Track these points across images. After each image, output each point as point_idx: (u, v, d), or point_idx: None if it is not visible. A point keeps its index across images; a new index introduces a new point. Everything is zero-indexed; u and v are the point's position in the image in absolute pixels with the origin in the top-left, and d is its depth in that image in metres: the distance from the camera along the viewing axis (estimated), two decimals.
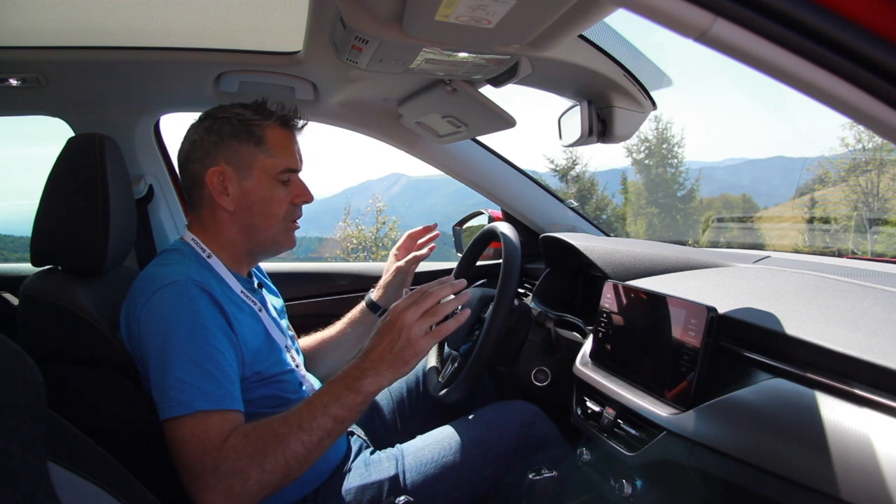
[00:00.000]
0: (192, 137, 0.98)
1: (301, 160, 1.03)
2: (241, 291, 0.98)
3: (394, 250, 1.36)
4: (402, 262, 1.30)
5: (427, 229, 1.36)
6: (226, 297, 0.91)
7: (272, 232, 1.00)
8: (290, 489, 0.95)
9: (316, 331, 1.32)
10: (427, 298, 0.85)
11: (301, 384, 1.02)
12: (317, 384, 1.10)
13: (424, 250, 1.33)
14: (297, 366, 1.04)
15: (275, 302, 1.12)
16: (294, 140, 1.02)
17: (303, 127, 1.05)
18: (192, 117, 1.03)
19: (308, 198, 1.03)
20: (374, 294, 1.31)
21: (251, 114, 0.98)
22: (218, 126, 0.97)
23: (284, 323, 1.12)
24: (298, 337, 1.23)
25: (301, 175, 1.04)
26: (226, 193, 0.96)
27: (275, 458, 0.78)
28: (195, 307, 0.85)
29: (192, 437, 0.78)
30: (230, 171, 0.96)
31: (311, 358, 1.26)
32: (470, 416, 1.14)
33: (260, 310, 0.99)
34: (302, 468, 0.81)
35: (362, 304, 1.31)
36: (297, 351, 1.10)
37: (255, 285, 1.05)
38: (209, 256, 0.97)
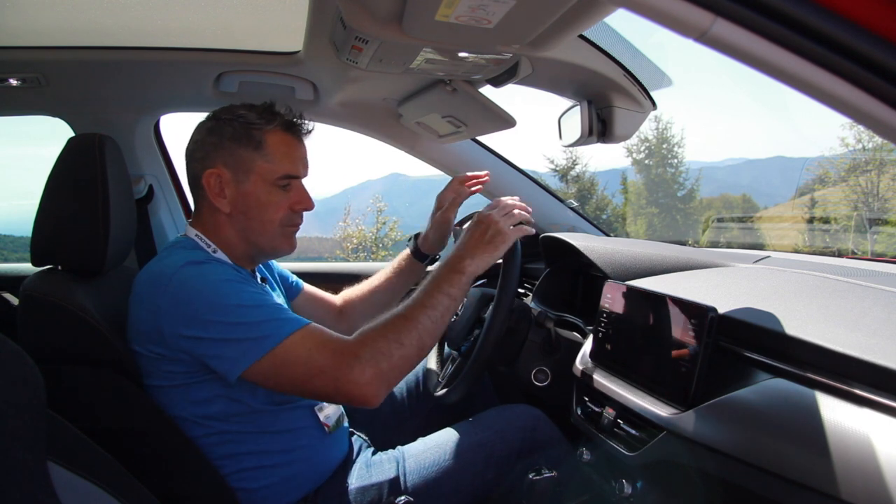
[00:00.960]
0: (196, 137, 0.98)
1: (305, 166, 1.00)
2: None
3: (440, 196, 1.27)
4: (445, 211, 1.23)
5: (475, 176, 1.26)
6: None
7: (269, 237, 0.98)
8: (290, 488, 0.96)
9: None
10: (506, 202, 1.03)
11: None
12: None
13: (473, 189, 1.26)
14: None
15: (278, 300, 1.12)
16: (298, 146, 1.00)
17: (309, 132, 1.02)
18: (191, 117, 1.03)
19: (308, 205, 1.01)
20: (419, 242, 1.26)
21: (254, 117, 0.96)
22: (219, 128, 0.96)
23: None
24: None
25: (305, 180, 1.02)
26: (223, 196, 0.95)
27: (408, 333, 0.86)
28: (220, 276, 0.87)
29: (311, 349, 0.83)
30: (227, 174, 0.94)
31: (362, 305, 1.28)
32: (472, 419, 1.14)
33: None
34: (432, 341, 0.90)
35: (406, 253, 1.28)
36: None
37: (259, 280, 1.05)
38: (214, 251, 0.96)
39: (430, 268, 1.07)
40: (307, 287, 1.27)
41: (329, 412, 1.03)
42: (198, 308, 0.83)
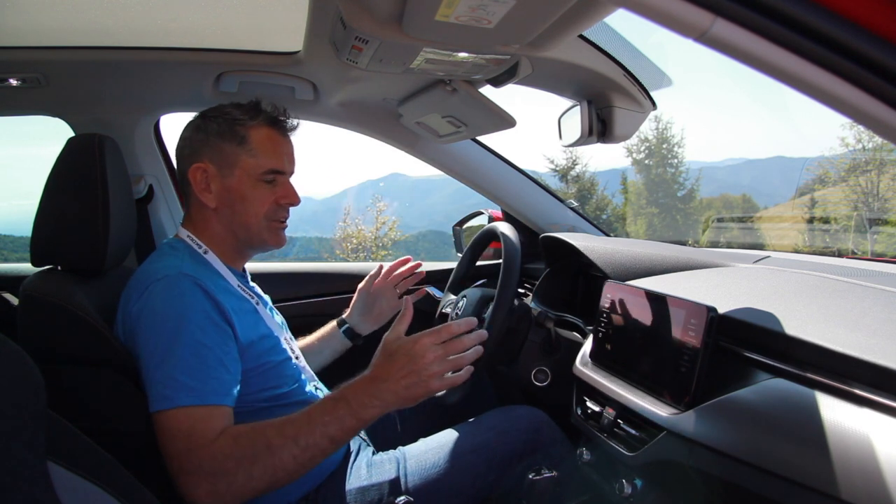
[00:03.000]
0: (184, 135, 1.01)
1: (291, 162, 1.03)
2: (238, 286, 0.99)
3: (367, 278, 1.32)
4: (365, 285, 1.30)
5: (402, 262, 1.31)
6: (223, 291, 0.92)
7: (255, 230, 1.00)
8: (291, 488, 0.95)
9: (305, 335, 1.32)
10: (453, 332, 0.86)
11: (300, 375, 1.03)
12: (314, 376, 1.11)
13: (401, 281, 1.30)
14: (296, 357, 1.05)
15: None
16: (282, 141, 1.02)
17: (294, 128, 1.04)
18: (191, 117, 1.04)
19: (293, 200, 1.02)
20: (346, 315, 1.31)
21: (239, 113, 0.99)
22: (205, 125, 0.99)
23: (279, 319, 1.12)
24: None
25: (299, 174, 1.05)
26: (208, 190, 0.98)
27: (263, 466, 0.78)
28: (185, 301, 0.85)
29: (178, 432, 0.79)
30: (213, 169, 0.97)
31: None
32: (473, 420, 1.14)
33: (257, 303, 1.01)
34: (289, 479, 0.80)
35: (334, 323, 1.31)
36: (293, 342, 1.11)
37: (249, 296, 1.05)
38: (205, 252, 0.98)
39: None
40: None
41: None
42: (147, 327, 0.84)
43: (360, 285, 1.31)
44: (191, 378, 0.82)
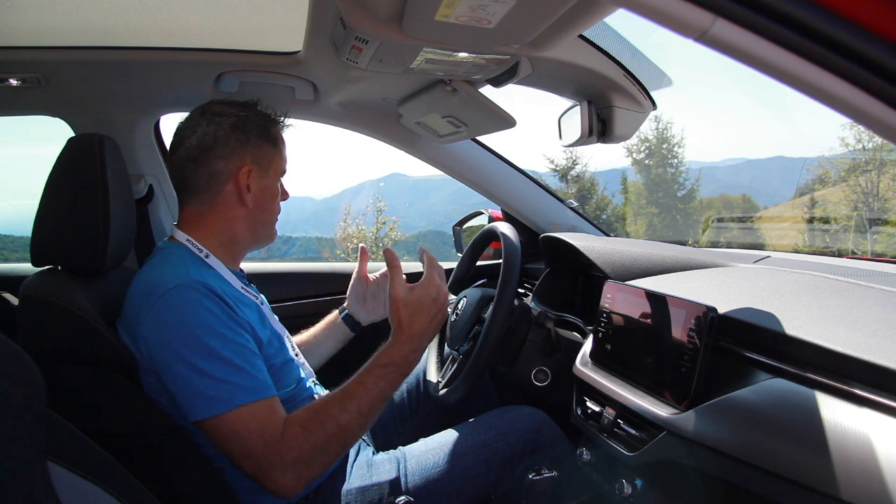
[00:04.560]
0: (215, 133, 0.97)
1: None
2: (241, 287, 0.98)
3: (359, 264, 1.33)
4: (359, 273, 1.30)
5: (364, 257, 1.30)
6: (230, 294, 0.91)
7: (272, 227, 1.06)
8: None
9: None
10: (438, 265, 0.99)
11: (300, 374, 1.03)
12: (312, 372, 1.12)
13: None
14: (296, 355, 1.06)
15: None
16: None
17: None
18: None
19: (286, 196, 1.09)
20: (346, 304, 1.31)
21: (269, 115, 1.04)
22: (243, 124, 0.99)
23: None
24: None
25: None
26: (249, 191, 0.99)
27: (337, 442, 0.85)
28: (206, 306, 0.85)
29: (249, 431, 0.81)
30: (256, 171, 1.00)
31: (306, 353, 1.26)
32: (474, 420, 1.14)
33: (262, 303, 1.01)
34: (357, 440, 0.90)
35: (335, 312, 1.32)
36: (292, 340, 1.12)
37: (251, 295, 1.05)
38: (207, 256, 0.97)
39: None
40: None
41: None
42: (173, 337, 0.83)
43: (354, 273, 1.30)
44: (240, 377, 0.83)
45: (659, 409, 0.80)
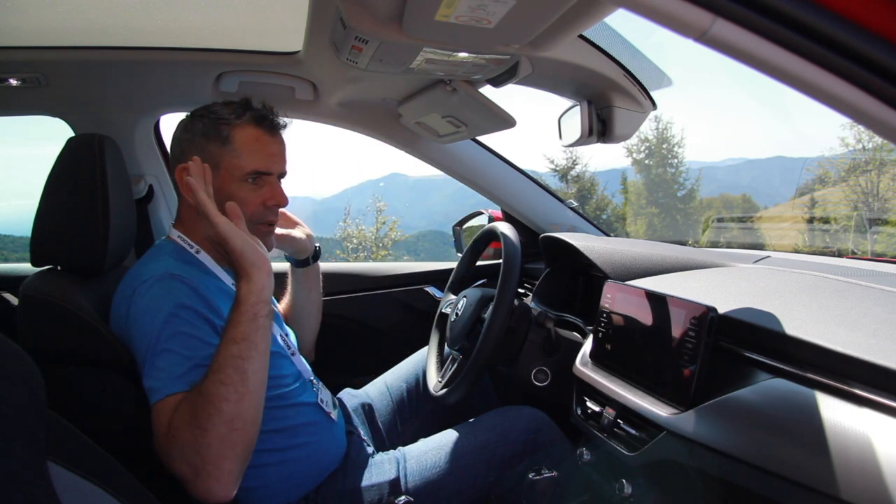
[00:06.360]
0: (174, 135, 1.00)
1: (279, 162, 0.99)
2: (232, 284, 0.97)
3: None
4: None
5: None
6: (217, 291, 0.91)
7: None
8: (290, 487, 0.96)
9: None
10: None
11: (296, 371, 1.03)
12: (310, 370, 1.11)
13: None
14: (291, 353, 1.05)
15: None
16: (269, 141, 0.98)
17: (283, 127, 1.01)
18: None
19: (281, 201, 0.99)
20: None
21: (226, 112, 0.96)
22: (192, 124, 0.97)
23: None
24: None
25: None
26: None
27: (207, 413, 0.72)
28: (172, 299, 0.84)
29: (160, 424, 0.77)
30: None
31: (291, 320, 1.26)
32: (474, 421, 1.14)
33: None
34: (247, 405, 0.75)
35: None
36: (290, 339, 1.11)
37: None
38: (197, 252, 0.96)
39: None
40: None
41: (324, 397, 1.05)
42: (137, 325, 0.84)
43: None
44: (179, 367, 0.80)
45: (659, 409, 0.80)
